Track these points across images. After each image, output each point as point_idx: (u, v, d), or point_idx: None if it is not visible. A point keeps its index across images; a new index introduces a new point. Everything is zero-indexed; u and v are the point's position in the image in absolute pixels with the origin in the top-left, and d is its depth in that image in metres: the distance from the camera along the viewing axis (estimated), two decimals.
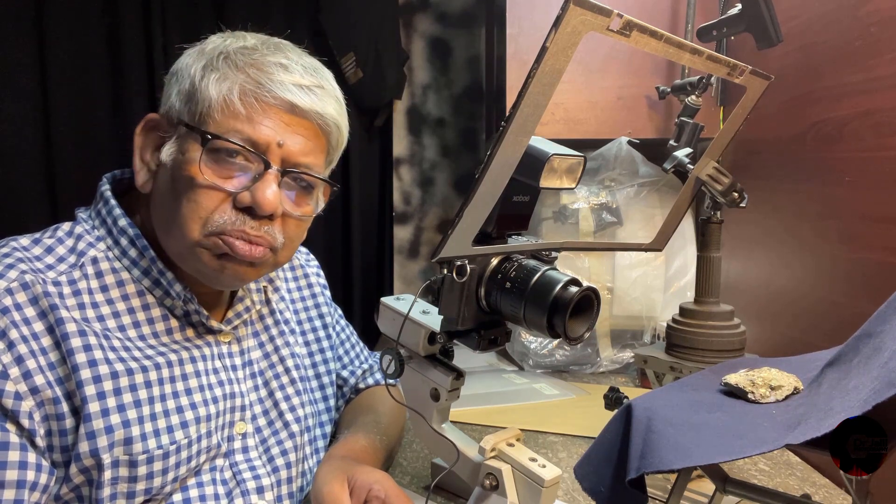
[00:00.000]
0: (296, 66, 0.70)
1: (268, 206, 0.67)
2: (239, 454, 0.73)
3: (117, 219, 0.71)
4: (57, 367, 0.62)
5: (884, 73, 0.97)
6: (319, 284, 0.94)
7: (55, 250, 0.69)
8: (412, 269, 2.12)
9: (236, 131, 0.66)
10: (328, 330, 0.92)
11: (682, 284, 1.58)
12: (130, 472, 0.63)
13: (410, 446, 1.09)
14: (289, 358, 0.82)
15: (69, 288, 0.66)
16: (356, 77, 1.87)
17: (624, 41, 0.51)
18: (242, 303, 0.79)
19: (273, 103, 0.68)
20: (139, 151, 0.72)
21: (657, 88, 1.24)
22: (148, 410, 0.65)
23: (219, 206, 0.67)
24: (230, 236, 0.67)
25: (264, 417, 0.77)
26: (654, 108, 1.62)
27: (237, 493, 0.71)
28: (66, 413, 0.62)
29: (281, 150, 0.68)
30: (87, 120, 1.65)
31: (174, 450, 0.66)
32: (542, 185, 0.64)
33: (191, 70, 0.69)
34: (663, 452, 0.57)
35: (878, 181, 0.98)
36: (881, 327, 0.58)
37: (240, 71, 0.68)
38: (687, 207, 0.89)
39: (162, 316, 0.71)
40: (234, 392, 0.74)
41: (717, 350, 0.97)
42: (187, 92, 0.69)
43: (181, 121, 0.68)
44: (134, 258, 0.71)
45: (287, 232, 0.72)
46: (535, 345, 1.56)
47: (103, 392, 0.63)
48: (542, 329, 0.62)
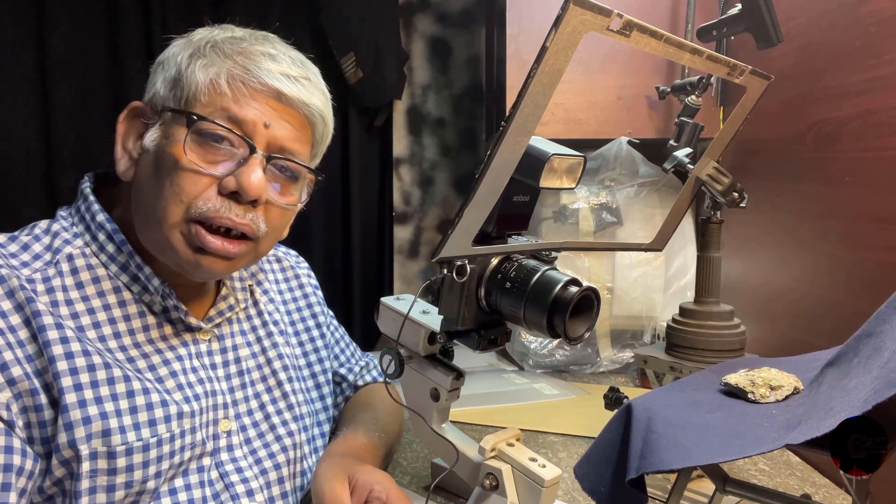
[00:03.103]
0: (283, 56, 0.71)
1: (253, 190, 0.66)
2: (224, 453, 0.72)
3: (95, 214, 0.71)
4: (35, 359, 0.62)
5: (884, 73, 0.97)
6: (311, 285, 0.94)
7: (31, 248, 0.68)
8: (412, 269, 2.12)
9: (223, 109, 0.66)
10: (322, 329, 0.92)
11: (682, 284, 1.58)
12: (109, 464, 0.62)
13: (410, 446, 1.09)
14: (276, 359, 0.81)
15: (43, 285, 0.66)
16: (356, 77, 1.87)
17: (624, 41, 0.51)
18: (226, 301, 0.79)
19: (260, 89, 0.68)
20: (121, 139, 0.71)
21: (657, 88, 1.24)
22: (127, 404, 0.64)
23: (203, 192, 0.66)
24: (212, 225, 0.66)
25: (249, 417, 0.76)
26: (654, 108, 1.62)
27: (226, 497, 0.70)
28: (44, 405, 0.62)
29: (267, 132, 0.68)
30: (88, 118, 1.65)
31: (155, 443, 0.65)
32: (542, 185, 0.64)
33: (177, 58, 0.69)
34: (663, 452, 0.57)
35: (878, 181, 0.98)
36: (881, 327, 0.58)
37: (227, 58, 0.68)
38: (687, 207, 0.89)
39: (139, 313, 0.70)
40: (215, 390, 0.73)
41: (717, 350, 0.97)
42: (173, 78, 0.69)
43: (166, 107, 0.68)
44: (112, 253, 0.70)
45: (270, 221, 0.71)
46: (535, 345, 1.56)
47: (80, 384, 0.62)
48: (542, 329, 0.62)
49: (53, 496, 0.63)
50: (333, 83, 2.26)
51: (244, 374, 0.78)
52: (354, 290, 2.04)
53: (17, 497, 0.58)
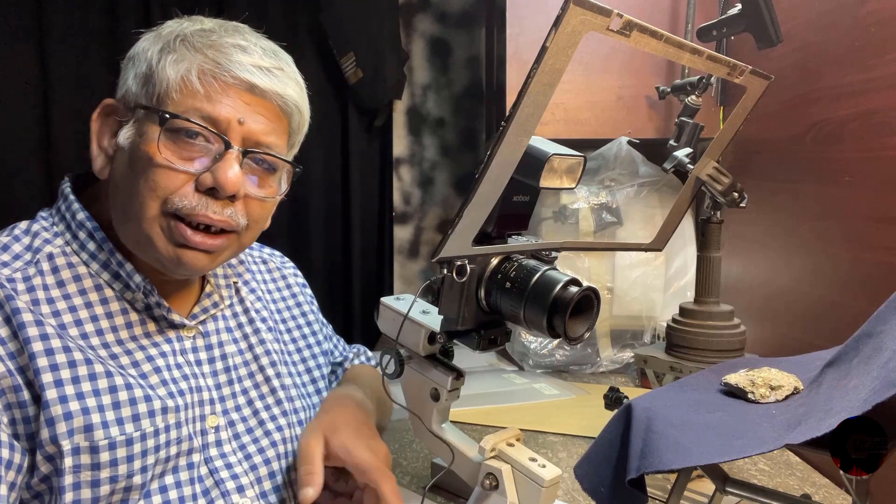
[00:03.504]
0: (255, 47, 0.70)
1: (230, 186, 0.66)
2: (213, 448, 0.72)
3: (76, 213, 0.71)
4: (17, 356, 0.62)
5: (884, 73, 0.97)
6: (298, 284, 0.95)
7: (11, 248, 0.68)
8: (412, 269, 2.12)
9: (195, 109, 0.66)
10: (313, 326, 0.93)
11: (682, 284, 1.58)
12: (93, 459, 0.62)
13: (410, 446, 1.09)
14: (264, 356, 0.81)
15: (23, 285, 0.66)
16: (356, 77, 1.87)
17: (624, 41, 0.51)
18: (210, 298, 0.78)
19: (232, 83, 0.67)
20: (96, 137, 0.71)
21: (657, 88, 1.24)
22: (109, 399, 0.64)
23: (180, 188, 0.66)
24: (191, 222, 0.66)
25: (237, 413, 0.76)
26: (654, 108, 1.62)
27: (216, 494, 0.70)
28: (27, 401, 0.62)
29: (242, 128, 0.67)
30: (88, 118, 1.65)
31: (139, 437, 0.65)
32: (542, 185, 0.64)
33: (147, 53, 0.69)
34: (663, 452, 0.57)
35: (878, 181, 0.98)
36: (881, 327, 0.58)
37: (198, 52, 0.67)
38: (687, 207, 0.89)
39: (121, 310, 0.70)
40: (200, 386, 0.73)
41: (717, 350, 0.97)
42: (144, 75, 0.68)
43: (138, 104, 0.68)
44: (93, 251, 0.70)
45: (251, 213, 0.71)
46: (535, 345, 1.56)
47: (61, 380, 0.62)
48: (542, 329, 0.62)
49: (41, 493, 0.63)
50: (333, 83, 2.26)
51: (231, 370, 0.77)
52: (354, 290, 2.04)
53: (8, 490, 0.59)
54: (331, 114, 1.96)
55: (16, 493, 0.61)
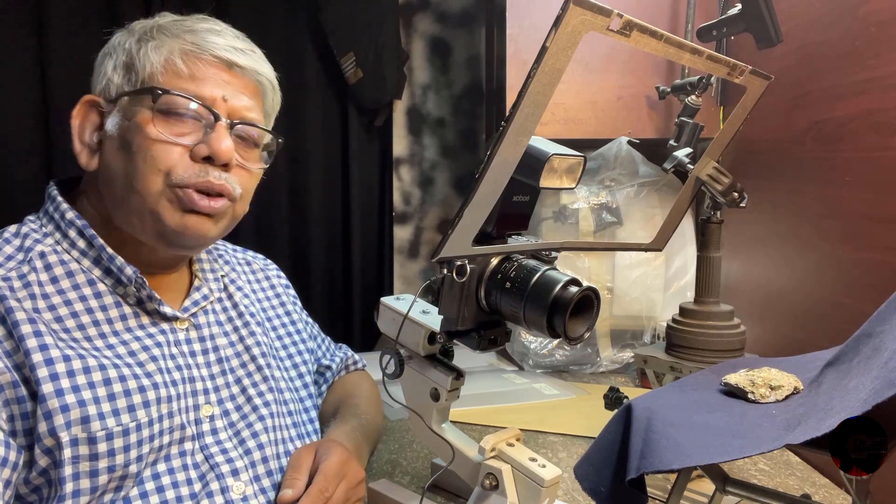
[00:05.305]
0: (227, 32, 0.75)
1: (224, 153, 0.70)
2: (209, 436, 0.74)
3: (64, 212, 0.73)
4: (13, 354, 0.64)
5: (884, 73, 0.97)
6: (281, 285, 0.97)
7: (3, 250, 0.70)
8: (412, 269, 2.12)
9: (181, 90, 0.70)
10: (298, 325, 0.95)
11: (682, 284, 1.58)
12: (91, 450, 0.64)
13: (410, 446, 1.09)
14: (255, 346, 0.83)
15: (19, 282, 0.68)
16: (356, 77, 1.87)
17: (624, 41, 0.51)
18: (199, 291, 0.80)
19: (213, 61, 0.72)
20: (77, 133, 0.74)
21: (657, 88, 1.24)
22: (105, 391, 0.66)
23: (178, 161, 0.69)
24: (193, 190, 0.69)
25: (231, 402, 0.78)
26: (654, 108, 1.62)
27: (212, 477, 0.72)
28: (25, 396, 0.63)
29: (226, 105, 0.72)
30: None
31: (135, 427, 0.66)
32: (542, 185, 0.64)
33: (125, 45, 0.73)
34: (663, 452, 0.57)
35: (879, 181, 0.98)
36: (881, 327, 0.58)
37: (176, 37, 0.72)
38: (687, 207, 0.89)
39: (115, 303, 0.72)
40: (193, 376, 0.75)
41: (717, 350, 0.97)
42: (125, 63, 0.72)
43: (123, 92, 0.71)
44: (83, 248, 0.72)
45: (242, 183, 0.75)
46: (535, 345, 1.56)
47: (56, 374, 0.64)
48: (542, 329, 0.62)
49: (39, 486, 0.64)
50: (333, 83, 2.26)
51: (223, 361, 0.79)
52: (354, 290, 2.04)
53: (3, 487, 0.60)
54: (331, 114, 1.96)
55: (10, 491, 0.62)
